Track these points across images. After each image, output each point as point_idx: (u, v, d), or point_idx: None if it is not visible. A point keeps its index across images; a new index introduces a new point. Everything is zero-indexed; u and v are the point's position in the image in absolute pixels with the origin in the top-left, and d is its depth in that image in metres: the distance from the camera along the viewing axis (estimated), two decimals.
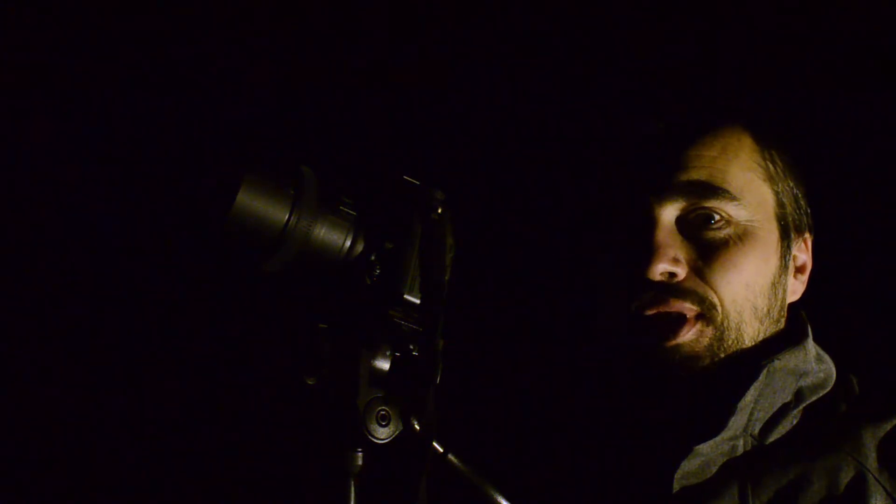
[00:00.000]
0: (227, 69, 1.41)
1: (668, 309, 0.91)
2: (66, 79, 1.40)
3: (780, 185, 0.98)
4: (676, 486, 0.89)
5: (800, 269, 1.02)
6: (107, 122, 1.40)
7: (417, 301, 0.77)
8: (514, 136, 1.43)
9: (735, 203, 0.94)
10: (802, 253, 1.02)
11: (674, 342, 0.91)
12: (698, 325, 0.92)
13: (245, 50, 1.42)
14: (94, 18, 1.39)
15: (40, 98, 1.40)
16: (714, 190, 0.93)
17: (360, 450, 0.75)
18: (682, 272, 0.92)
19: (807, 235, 1.02)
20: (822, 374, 0.97)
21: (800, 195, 1.01)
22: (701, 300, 0.92)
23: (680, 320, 0.91)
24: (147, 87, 1.40)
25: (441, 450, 0.77)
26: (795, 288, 1.01)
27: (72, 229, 1.39)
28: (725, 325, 0.92)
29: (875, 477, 0.88)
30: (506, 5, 1.43)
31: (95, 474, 1.36)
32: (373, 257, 0.78)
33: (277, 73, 1.42)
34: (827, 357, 1.00)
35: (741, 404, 0.90)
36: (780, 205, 0.98)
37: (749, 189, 0.95)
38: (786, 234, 0.98)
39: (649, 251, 0.91)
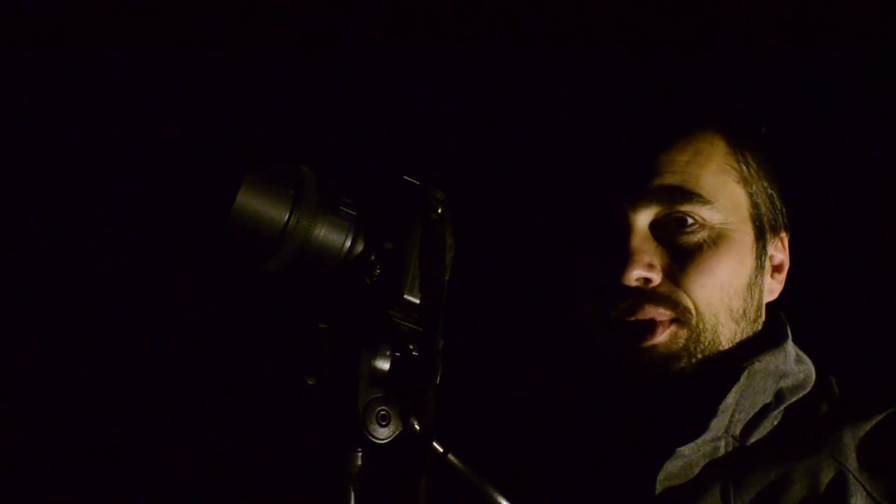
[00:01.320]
0: (228, 69, 1.41)
1: (643, 316, 0.92)
2: (67, 79, 1.40)
3: (753, 185, 0.98)
4: (659, 488, 0.89)
5: (777, 269, 1.02)
6: (107, 122, 1.40)
7: (417, 301, 0.77)
8: (514, 137, 1.43)
9: (708, 206, 0.94)
10: (779, 252, 1.02)
11: (650, 343, 0.91)
12: (672, 328, 0.92)
13: (245, 50, 1.42)
14: (95, 18, 1.39)
15: (41, 98, 1.40)
16: (687, 194, 0.93)
17: (360, 450, 0.75)
18: (656, 278, 0.92)
19: (783, 235, 1.02)
20: (801, 375, 0.98)
21: (774, 195, 1.01)
22: (675, 305, 0.92)
23: (654, 324, 0.92)
24: (147, 88, 1.40)
25: (441, 450, 0.77)
26: (773, 287, 1.02)
27: (72, 230, 1.40)
28: (700, 328, 0.93)
29: (855, 477, 0.88)
30: (503, 7, 1.43)
31: (95, 474, 1.36)
32: (373, 257, 0.78)
33: (277, 73, 1.42)
34: (806, 358, 1.00)
35: (723, 406, 0.90)
36: (755, 206, 0.98)
37: (722, 192, 0.95)
38: (761, 235, 0.98)
39: (624, 257, 0.92)
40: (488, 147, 1.43)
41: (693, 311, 0.92)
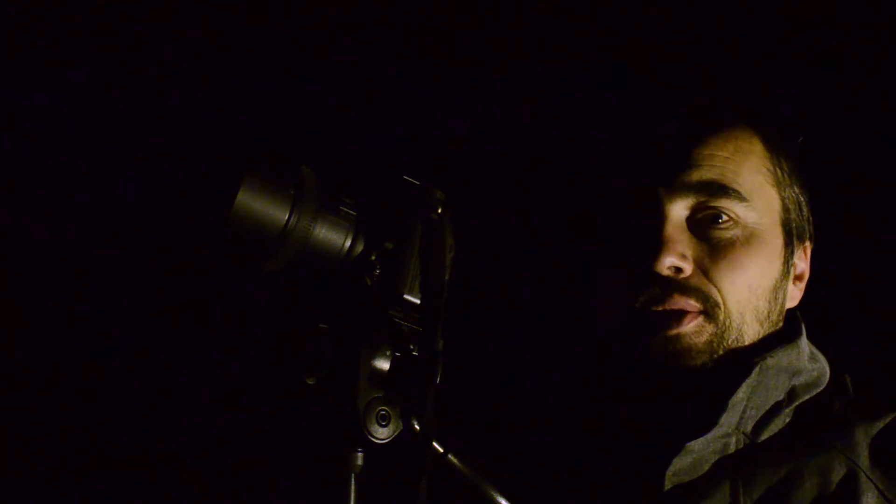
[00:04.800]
0: (228, 69, 1.41)
1: (672, 306, 0.92)
2: (67, 79, 1.40)
3: (786, 190, 0.99)
4: (668, 484, 0.89)
5: (798, 277, 1.03)
6: (107, 122, 1.40)
7: (417, 301, 0.77)
8: (515, 136, 1.43)
9: (744, 204, 0.95)
10: (802, 261, 1.03)
11: (675, 331, 0.91)
12: (700, 319, 0.92)
13: (245, 50, 1.42)
14: (95, 18, 1.39)
15: (41, 98, 1.40)
16: (725, 189, 0.94)
17: (360, 450, 0.75)
18: (688, 268, 0.92)
19: (807, 244, 1.03)
20: (815, 373, 0.98)
21: (803, 203, 1.02)
22: (705, 298, 0.92)
23: (682, 313, 0.92)
24: (147, 88, 1.40)
25: (441, 450, 0.77)
26: (794, 295, 1.02)
27: (72, 230, 1.39)
28: (727, 324, 0.93)
29: (867, 475, 0.88)
30: (511, 1, 1.43)
31: (95, 474, 1.36)
32: (373, 257, 0.78)
33: (278, 73, 1.42)
34: (821, 356, 1.00)
35: (732, 401, 0.90)
36: (786, 210, 0.99)
37: (758, 192, 0.96)
38: (790, 240, 0.99)
39: (658, 245, 0.92)
40: (489, 146, 1.43)
41: (721, 307, 0.93)
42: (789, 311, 1.01)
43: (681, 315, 0.92)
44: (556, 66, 1.40)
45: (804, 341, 0.98)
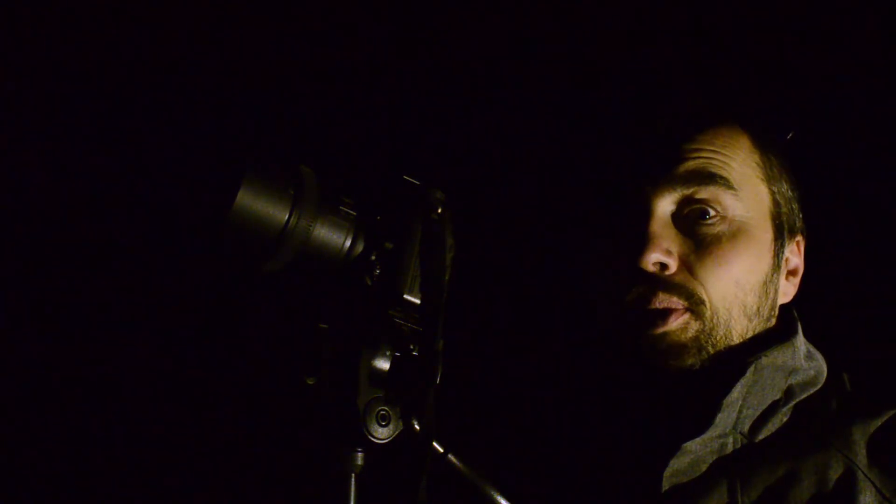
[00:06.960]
0: (227, 69, 1.41)
1: (657, 305, 0.92)
2: (67, 79, 1.40)
3: (776, 185, 0.99)
4: (666, 485, 0.89)
5: (792, 272, 1.02)
6: (107, 122, 1.40)
7: (417, 301, 0.77)
8: (514, 135, 1.43)
9: (732, 193, 0.94)
10: (795, 256, 1.02)
11: (661, 329, 0.91)
12: (686, 317, 0.92)
13: (245, 50, 1.42)
14: (95, 18, 1.39)
15: (41, 98, 1.40)
16: (712, 177, 0.94)
17: (360, 450, 0.75)
18: (673, 265, 0.92)
19: (799, 239, 1.03)
20: (812, 372, 0.97)
21: (794, 198, 1.01)
22: (689, 295, 0.92)
23: (667, 311, 0.92)
24: (147, 87, 1.40)
25: (441, 450, 0.77)
26: (787, 290, 1.02)
27: (72, 230, 1.39)
28: (714, 321, 0.92)
29: (864, 473, 0.88)
30: (506, 1, 1.43)
31: (95, 474, 1.36)
32: (373, 257, 0.78)
33: (277, 73, 1.42)
34: (818, 354, 1.00)
35: (727, 401, 0.90)
36: (776, 204, 0.99)
37: (747, 184, 0.96)
38: (780, 234, 0.99)
39: (643, 241, 0.92)
40: (490, 145, 1.43)
41: (707, 304, 0.92)
42: (785, 308, 1.01)
43: (666, 313, 0.92)
44: (548, 67, 1.40)
45: (800, 339, 0.98)
